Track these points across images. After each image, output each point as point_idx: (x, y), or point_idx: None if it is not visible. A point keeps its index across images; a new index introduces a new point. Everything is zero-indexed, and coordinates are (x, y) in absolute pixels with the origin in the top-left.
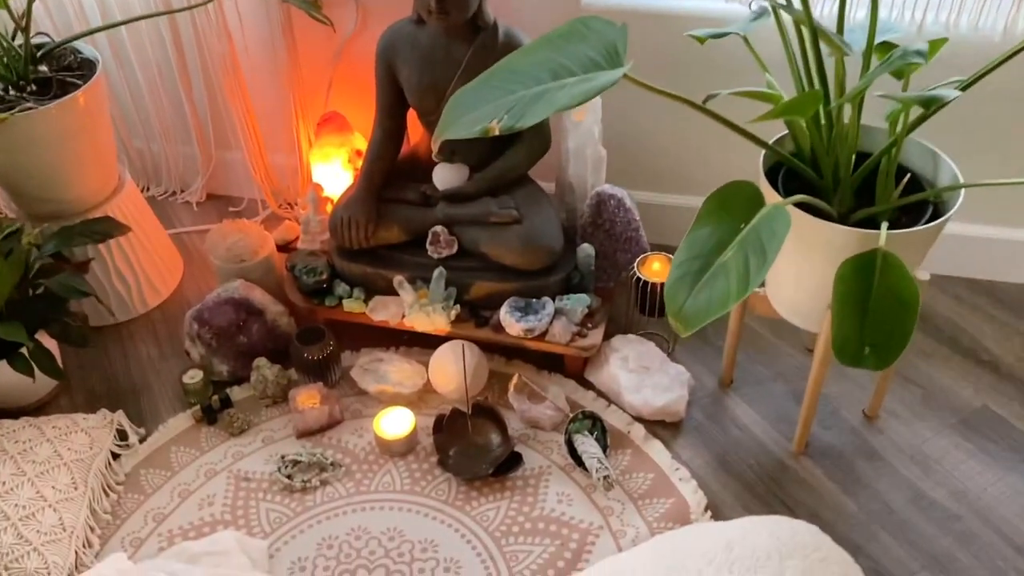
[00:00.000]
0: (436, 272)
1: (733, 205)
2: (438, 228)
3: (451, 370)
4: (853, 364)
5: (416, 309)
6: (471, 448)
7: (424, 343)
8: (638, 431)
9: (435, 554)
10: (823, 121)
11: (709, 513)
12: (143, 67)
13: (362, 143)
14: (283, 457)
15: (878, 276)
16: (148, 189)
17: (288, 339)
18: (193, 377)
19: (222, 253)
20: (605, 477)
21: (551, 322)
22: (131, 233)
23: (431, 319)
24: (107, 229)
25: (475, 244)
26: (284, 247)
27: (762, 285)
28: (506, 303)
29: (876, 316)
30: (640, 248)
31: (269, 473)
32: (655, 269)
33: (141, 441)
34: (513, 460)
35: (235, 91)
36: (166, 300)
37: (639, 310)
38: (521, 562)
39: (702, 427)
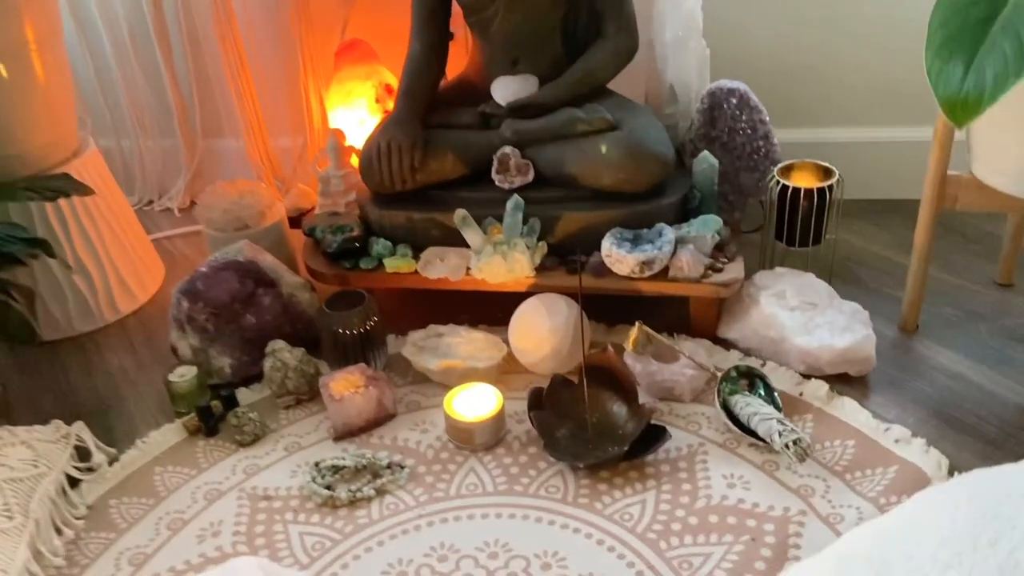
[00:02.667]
0: (511, 202)
1: None
2: (507, 149)
3: (542, 330)
4: None
5: (488, 253)
6: (587, 426)
7: (491, 318)
8: (815, 389)
9: (564, 570)
10: None
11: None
12: (110, 28)
13: (392, 78)
14: (317, 464)
15: None
16: None
17: (311, 321)
18: (182, 375)
19: (218, 218)
20: (795, 442)
21: (674, 253)
22: (97, 213)
23: (509, 264)
24: (62, 187)
25: (558, 166)
26: (297, 219)
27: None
28: (609, 234)
29: None
30: (772, 161)
31: (299, 488)
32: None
33: (111, 463)
34: (653, 435)
35: (228, 40)
36: (143, 306)
37: (781, 238)
38: (698, 569)
39: (898, 380)
